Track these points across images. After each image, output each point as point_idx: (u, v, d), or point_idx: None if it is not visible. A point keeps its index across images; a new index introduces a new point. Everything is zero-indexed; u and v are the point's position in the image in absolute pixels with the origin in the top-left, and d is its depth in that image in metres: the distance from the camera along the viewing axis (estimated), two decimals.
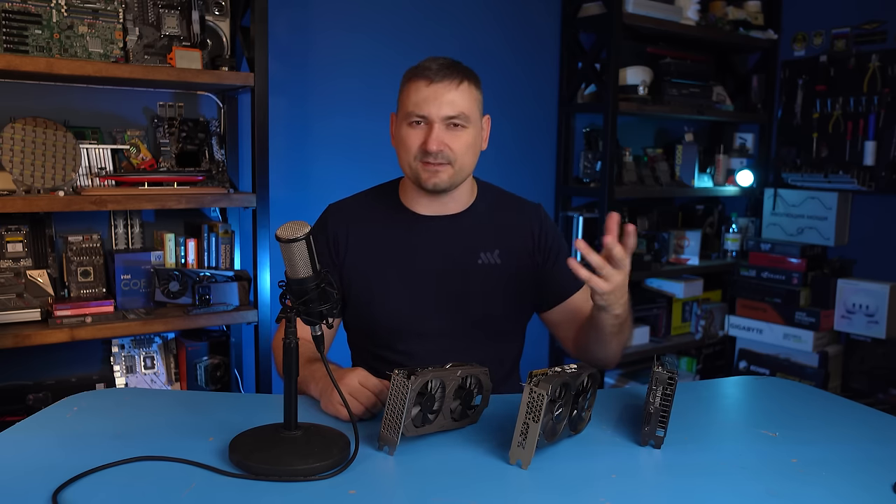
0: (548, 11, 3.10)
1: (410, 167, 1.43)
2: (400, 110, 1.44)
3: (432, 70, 1.39)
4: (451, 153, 1.39)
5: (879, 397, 3.07)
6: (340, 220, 1.51)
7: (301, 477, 1.00)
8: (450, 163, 1.40)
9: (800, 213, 3.39)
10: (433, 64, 1.40)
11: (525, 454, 1.05)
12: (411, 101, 1.40)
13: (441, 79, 1.38)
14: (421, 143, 1.39)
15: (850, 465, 1.11)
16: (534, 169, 3.13)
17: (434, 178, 1.41)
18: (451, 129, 1.39)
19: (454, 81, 1.39)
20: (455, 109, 1.38)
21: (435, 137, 1.38)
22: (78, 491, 0.95)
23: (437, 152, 1.38)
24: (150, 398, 1.40)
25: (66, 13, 1.97)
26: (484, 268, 1.48)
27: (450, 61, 1.42)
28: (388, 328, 1.48)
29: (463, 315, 1.46)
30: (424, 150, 1.39)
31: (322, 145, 2.63)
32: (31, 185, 1.95)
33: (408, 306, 1.46)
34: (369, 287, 1.47)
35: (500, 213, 1.54)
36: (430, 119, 1.38)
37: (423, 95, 1.38)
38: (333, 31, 2.60)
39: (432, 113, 1.38)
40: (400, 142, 1.43)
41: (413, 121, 1.40)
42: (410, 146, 1.40)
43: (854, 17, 3.21)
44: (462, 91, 1.39)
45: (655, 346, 3.25)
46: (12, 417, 1.98)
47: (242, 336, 2.39)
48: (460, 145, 1.40)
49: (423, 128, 1.40)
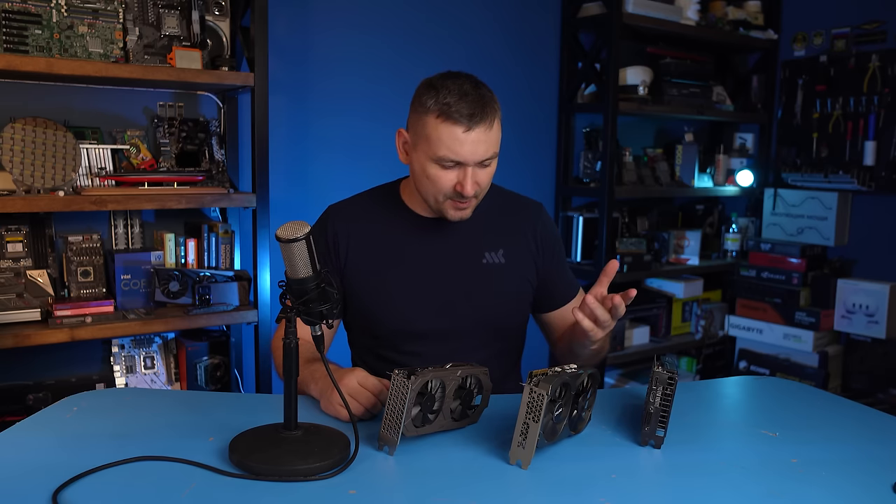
0: (548, 11, 3.10)
1: (436, 201, 1.40)
2: (426, 146, 1.36)
3: (464, 115, 1.31)
4: (479, 189, 1.39)
5: (879, 397, 3.07)
6: (341, 222, 1.50)
7: (301, 477, 1.00)
8: (476, 196, 1.40)
9: (800, 213, 3.39)
10: (464, 106, 1.32)
11: (525, 454, 1.05)
12: (444, 146, 1.33)
13: (477, 124, 1.32)
14: (454, 184, 1.36)
15: (850, 465, 1.11)
16: (534, 169, 3.12)
17: (461, 213, 1.41)
18: (481, 167, 1.38)
19: (487, 124, 1.34)
20: (489, 152, 1.36)
21: (472, 182, 1.35)
22: (78, 491, 0.95)
23: (471, 194, 1.37)
24: (150, 398, 1.40)
25: (66, 13, 1.97)
26: (488, 268, 1.48)
27: (476, 96, 1.34)
28: (392, 330, 1.47)
29: (467, 316, 1.46)
30: (459, 193, 1.36)
31: (322, 145, 2.63)
32: (31, 185, 1.95)
33: (412, 308, 1.45)
34: (373, 289, 1.47)
35: (502, 212, 1.54)
36: (465, 163, 1.35)
37: (460, 141, 1.32)
38: (333, 31, 2.60)
39: (469, 160, 1.34)
40: (427, 178, 1.38)
41: (446, 164, 1.35)
42: (441, 186, 1.37)
43: (854, 17, 3.21)
44: (494, 130, 1.36)
45: (655, 346, 3.25)
46: (12, 417, 1.99)
47: (242, 336, 2.39)
48: (487, 179, 1.40)
49: (456, 169, 1.36)
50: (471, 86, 1.35)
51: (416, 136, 1.39)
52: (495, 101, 1.38)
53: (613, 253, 3.02)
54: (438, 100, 1.33)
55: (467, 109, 1.31)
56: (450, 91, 1.33)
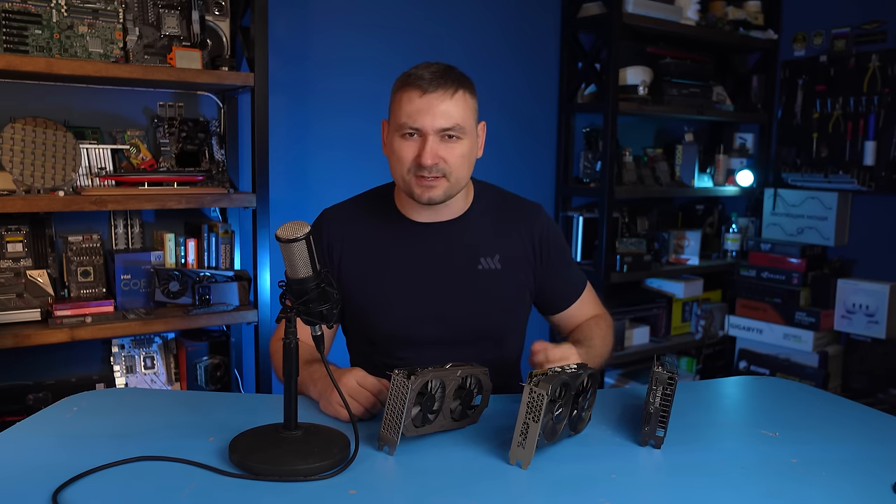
0: (548, 11, 3.10)
1: (404, 180, 1.38)
2: (392, 120, 1.39)
3: (425, 79, 1.32)
4: (445, 166, 1.35)
5: (879, 397, 3.07)
6: (335, 227, 1.48)
7: (301, 477, 1.00)
8: (444, 176, 1.36)
9: (800, 213, 3.39)
10: (425, 72, 1.34)
11: (525, 454, 1.05)
12: (403, 112, 1.34)
13: (435, 89, 1.32)
14: (415, 156, 1.34)
15: (850, 465, 1.11)
16: (534, 169, 3.13)
17: (428, 192, 1.36)
18: (446, 141, 1.34)
19: (448, 91, 1.33)
20: (450, 121, 1.33)
21: (429, 151, 1.33)
22: (78, 491, 0.95)
23: (431, 166, 1.33)
24: (150, 398, 1.40)
25: (66, 13, 1.97)
26: (484, 273, 1.46)
27: (443, 68, 1.36)
28: (387, 336, 1.46)
29: (464, 322, 1.45)
30: (418, 164, 1.34)
31: (322, 145, 2.63)
32: (31, 185, 1.95)
33: (407, 314, 1.44)
34: (367, 295, 1.45)
35: (499, 216, 1.51)
36: (423, 131, 1.33)
37: (416, 107, 1.32)
38: (333, 31, 2.60)
39: (426, 125, 1.32)
40: (392, 153, 1.38)
41: (406, 133, 1.35)
42: (404, 159, 1.35)
43: (854, 17, 3.21)
44: (457, 101, 1.34)
45: (655, 346, 3.25)
46: (12, 417, 1.99)
47: (242, 336, 2.39)
48: (455, 157, 1.35)
49: (417, 140, 1.34)
50: (440, 64, 1.37)
51: (389, 120, 1.41)
52: (466, 80, 1.38)
53: (613, 253, 3.02)
54: (404, 74, 1.38)
55: (427, 75, 1.33)
56: (417, 67, 1.37)
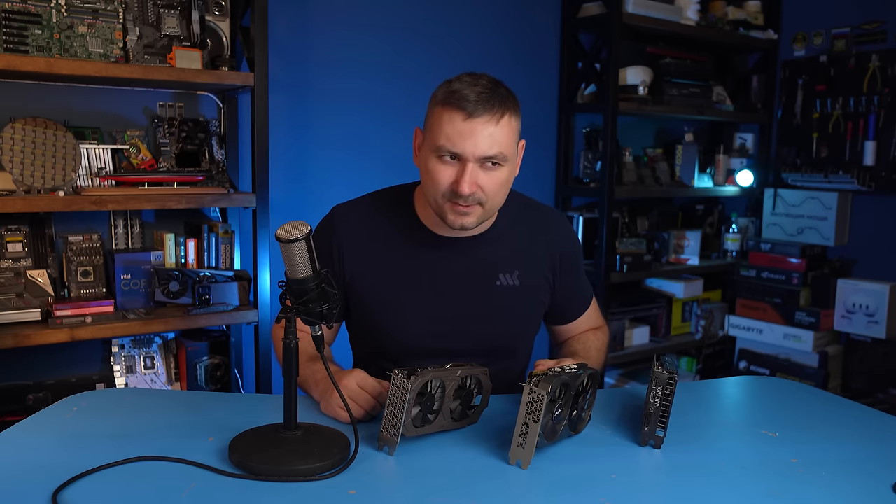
0: (548, 11, 3.10)
1: (437, 202, 1.30)
2: (429, 136, 1.30)
3: (470, 102, 1.23)
4: (483, 195, 1.27)
5: (879, 397, 3.07)
6: (348, 226, 1.42)
7: (301, 477, 1.00)
8: (480, 203, 1.28)
9: (800, 213, 3.39)
10: (471, 92, 1.23)
11: (525, 454, 1.05)
12: (444, 134, 1.25)
13: (480, 113, 1.23)
14: (451, 182, 1.26)
15: (850, 465, 1.11)
16: (534, 169, 3.12)
17: (461, 219, 1.29)
18: (486, 169, 1.26)
19: (494, 116, 1.24)
20: (493, 149, 1.24)
21: (468, 180, 1.24)
22: (78, 491, 0.95)
23: (468, 195, 1.25)
24: (150, 398, 1.40)
25: (66, 13, 1.97)
26: (502, 290, 1.42)
27: (489, 87, 1.25)
28: (399, 345, 1.42)
29: (478, 337, 1.42)
30: (454, 191, 1.26)
31: (322, 145, 2.63)
32: (31, 185, 1.95)
33: (422, 327, 1.40)
34: (382, 305, 1.41)
35: (519, 230, 1.45)
36: (464, 158, 1.25)
37: (458, 130, 1.23)
38: (333, 31, 2.60)
39: (467, 152, 1.24)
40: (427, 173, 1.30)
41: (444, 155, 1.26)
42: (439, 183, 1.27)
43: (854, 17, 3.21)
44: (502, 126, 1.25)
45: (655, 346, 3.25)
46: (12, 417, 1.98)
47: (242, 336, 2.39)
48: (494, 185, 1.28)
49: (455, 165, 1.26)
50: (487, 80, 1.27)
51: (425, 131, 1.32)
52: (512, 101, 1.29)
53: (613, 253, 3.02)
54: (447, 89, 1.27)
55: (473, 97, 1.23)
56: (462, 81, 1.26)
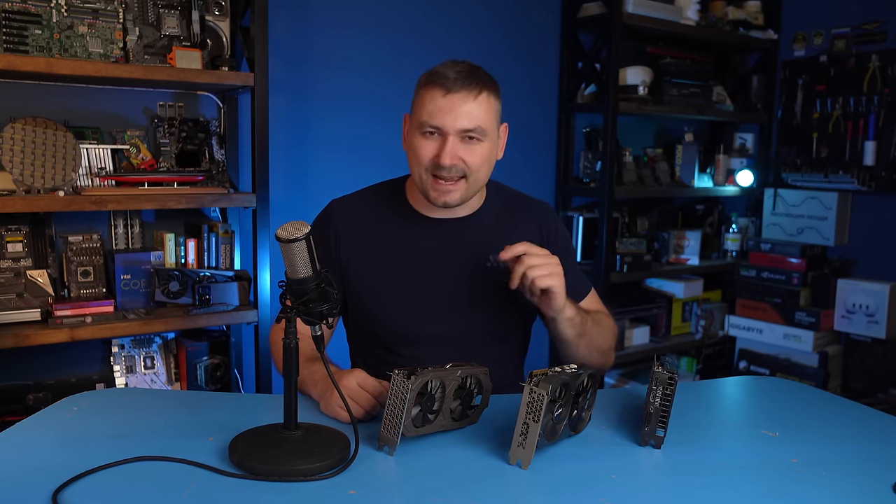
0: (548, 11, 3.10)
1: (421, 178, 1.37)
2: (413, 116, 1.38)
3: (449, 78, 1.31)
4: (465, 167, 1.34)
5: (879, 397, 3.07)
6: (344, 219, 1.47)
7: (301, 477, 1.00)
8: (464, 177, 1.35)
9: (800, 213, 3.39)
10: (451, 71, 1.32)
11: (525, 454, 1.05)
12: (426, 110, 1.33)
13: (459, 89, 1.31)
14: (433, 155, 1.33)
15: (850, 465, 1.11)
16: (534, 169, 3.12)
17: (444, 196, 1.36)
18: (466, 143, 1.33)
19: (472, 92, 1.32)
20: (472, 122, 1.32)
21: (449, 151, 1.32)
22: (78, 491, 0.95)
23: (450, 166, 1.32)
24: (150, 398, 1.40)
25: (66, 13, 1.97)
26: (492, 272, 1.45)
27: (469, 68, 1.35)
28: (392, 332, 1.45)
29: (470, 320, 1.44)
30: (436, 164, 1.33)
31: (322, 145, 2.63)
32: (31, 185, 1.95)
33: (414, 311, 1.43)
34: (374, 290, 1.45)
35: (508, 215, 1.51)
36: (444, 131, 1.32)
37: (439, 105, 1.32)
38: (333, 31, 2.60)
39: (447, 125, 1.32)
40: (411, 150, 1.38)
41: (426, 131, 1.34)
42: (422, 157, 1.35)
43: (854, 17, 3.21)
44: (480, 102, 1.33)
45: (655, 346, 3.25)
46: (12, 417, 1.98)
47: (242, 336, 2.39)
48: (475, 159, 1.34)
49: (437, 139, 1.33)
50: (467, 64, 1.36)
51: (411, 115, 1.40)
52: (491, 82, 1.36)
53: (613, 253, 3.02)
54: (429, 72, 1.36)
55: (452, 74, 1.32)
56: (443, 65, 1.36)
